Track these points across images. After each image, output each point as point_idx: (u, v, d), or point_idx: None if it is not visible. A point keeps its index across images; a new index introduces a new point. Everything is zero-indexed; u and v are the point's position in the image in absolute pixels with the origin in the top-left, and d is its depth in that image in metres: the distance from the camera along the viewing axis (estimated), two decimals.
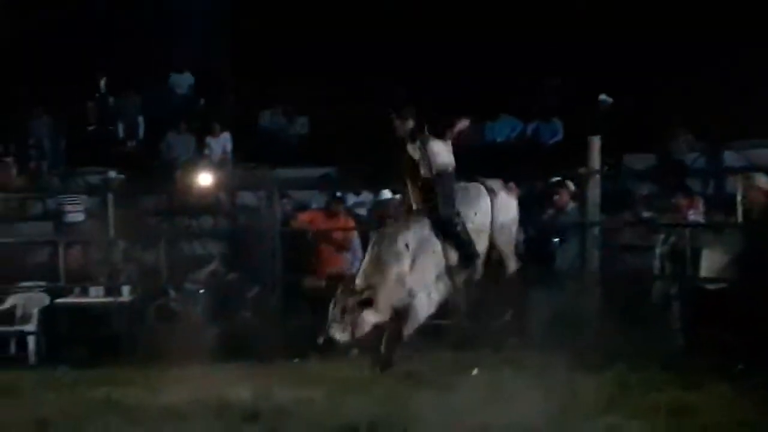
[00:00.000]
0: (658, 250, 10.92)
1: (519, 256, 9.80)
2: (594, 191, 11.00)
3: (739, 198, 10.21)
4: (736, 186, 10.57)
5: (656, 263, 10.99)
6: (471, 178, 9.38)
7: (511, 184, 11.95)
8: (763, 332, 9.20)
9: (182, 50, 17.92)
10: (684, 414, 7.86)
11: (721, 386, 8.49)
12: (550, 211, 12.11)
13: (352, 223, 12.45)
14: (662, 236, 10.97)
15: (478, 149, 15.66)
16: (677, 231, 10.82)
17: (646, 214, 12.16)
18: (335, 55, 16.95)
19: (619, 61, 15.66)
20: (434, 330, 10.30)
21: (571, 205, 11.71)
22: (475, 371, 9.60)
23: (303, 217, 12.74)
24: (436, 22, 16.90)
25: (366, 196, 13.89)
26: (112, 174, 15.32)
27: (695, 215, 11.25)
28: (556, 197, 11.85)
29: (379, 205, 12.77)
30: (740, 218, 10.22)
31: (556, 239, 11.70)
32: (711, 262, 10.30)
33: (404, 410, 8.25)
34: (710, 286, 10.24)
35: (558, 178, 11.84)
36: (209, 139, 16.24)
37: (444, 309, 9.73)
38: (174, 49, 17.84)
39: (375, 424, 7.82)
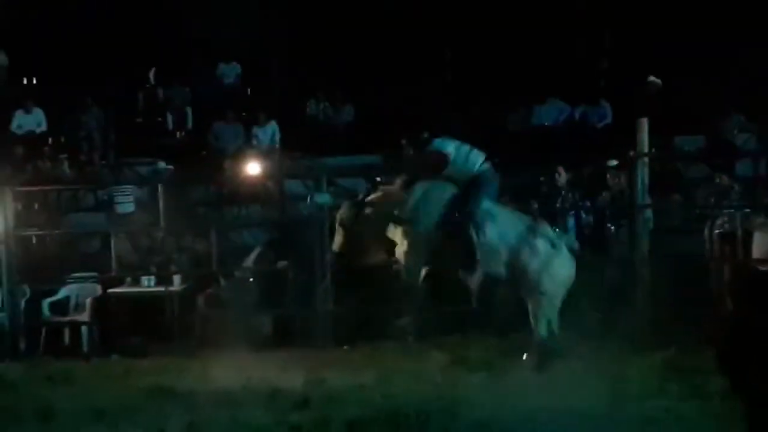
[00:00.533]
0: (706, 232, 10.82)
1: None
2: (643, 174, 10.89)
3: None
4: None
5: (706, 246, 10.89)
6: None
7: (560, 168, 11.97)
8: None
9: (229, 40, 17.98)
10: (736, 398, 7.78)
11: None
12: (605, 194, 12.05)
13: None
14: (710, 219, 10.88)
15: (527, 133, 15.59)
16: (724, 213, 10.71)
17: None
18: (381, 42, 16.93)
19: (667, 42, 15.50)
20: (480, 315, 10.29)
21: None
22: (525, 355, 9.57)
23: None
24: (483, 5, 16.81)
25: None
26: (162, 165, 15.44)
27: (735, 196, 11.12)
28: (616, 180, 11.77)
29: None
30: None
31: (612, 225, 11.61)
32: (761, 244, 10.18)
33: (454, 395, 8.27)
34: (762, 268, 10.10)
35: (616, 162, 11.73)
36: (256, 129, 16.30)
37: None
38: (221, 38, 17.90)
39: (425, 409, 7.84)
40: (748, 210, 10.84)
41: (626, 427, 7.46)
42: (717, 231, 10.73)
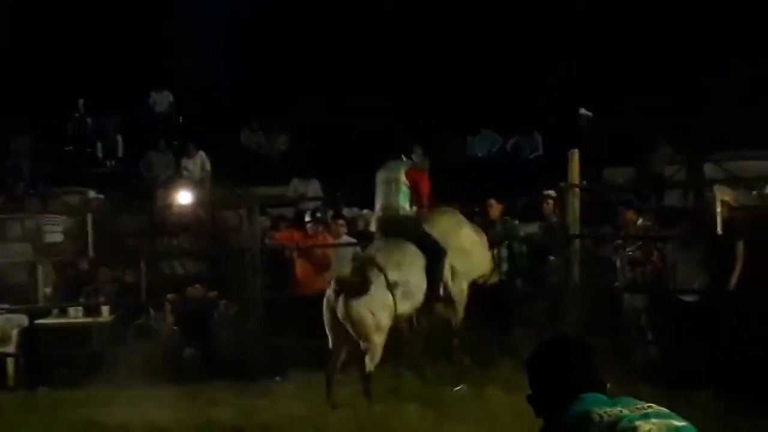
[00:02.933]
0: (618, 262, 10.97)
1: None
2: (574, 204, 10.98)
3: (718, 209, 10.18)
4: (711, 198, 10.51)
5: (619, 276, 11.02)
6: None
7: (492, 201, 12.03)
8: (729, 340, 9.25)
9: (161, 68, 17.85)
10: None
11: (704, 395, 8.47)
12: (541, 224, 12.14)
13: (330, 241, 12.26)
14: (620, 249, 11.04)
15: (460, 164, 15.67)
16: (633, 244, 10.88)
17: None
18: (317, 72, 16.94)
19: (598, 75, 15.72)
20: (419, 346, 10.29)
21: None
22: (460, 387, 9.58)
23: (279, 236, 12.64)
24: (418, 37, 16.91)
25: (349, 212, 13.80)
26: (92, 194, 15.24)
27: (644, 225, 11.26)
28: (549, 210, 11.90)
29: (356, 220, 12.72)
30: (719, 229, 10.19)
31: (552, 256, 11.68)
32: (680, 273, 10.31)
33: (388, 425, 8.22)
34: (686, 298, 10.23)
35: (551, 191, 11.84)
36: (185, 161, 16.10)
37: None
38: (153, 66, 17.77)
39: None
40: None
41: None
42: (627, 258, 10.86)
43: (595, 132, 15.05)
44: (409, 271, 9.66)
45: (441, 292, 9.87)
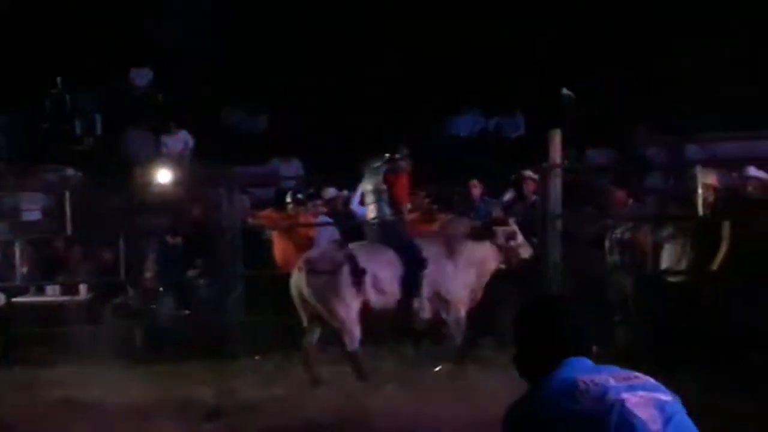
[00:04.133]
0: (607, 243, 10.94)
1: None
2: (555, 185, 10.94)
3: (699, 191, 10.18)
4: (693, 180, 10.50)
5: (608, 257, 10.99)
6: None
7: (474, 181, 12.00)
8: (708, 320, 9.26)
9: (141, 44, 17.67)
10: None
11: (686, 374, 8.46)
12: (519, 203, 12.11)
13: (311, 221, 12.20)
14: (610, 230, 11.01)
15: (442, 144, 15.64)
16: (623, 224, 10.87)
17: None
18: (298, 51, 16.83)
19: (580, 55, 15.67)
20: (399, 327, 10.26)
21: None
22: (439, 367, 9.56)
23: (261, 215, 12.59)
24: (400, 17, 16.81)
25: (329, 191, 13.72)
26: (70, 172, 15.11)
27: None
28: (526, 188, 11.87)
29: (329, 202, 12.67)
30: (701, 211, 10.18)
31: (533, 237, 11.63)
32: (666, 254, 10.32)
33: (368, 404, 8.19)
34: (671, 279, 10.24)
35: (530, 172, 11.81)
36: (165, 138, 15.97)
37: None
38: (133, 43, 17.58)
39: (339, 420, 7.75)
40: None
41: None
42: (616, 239, 10.83)
43: (577, 112, 15.01)
44: (381, 268, 9.61)
45: (423, 311, 9.76)
